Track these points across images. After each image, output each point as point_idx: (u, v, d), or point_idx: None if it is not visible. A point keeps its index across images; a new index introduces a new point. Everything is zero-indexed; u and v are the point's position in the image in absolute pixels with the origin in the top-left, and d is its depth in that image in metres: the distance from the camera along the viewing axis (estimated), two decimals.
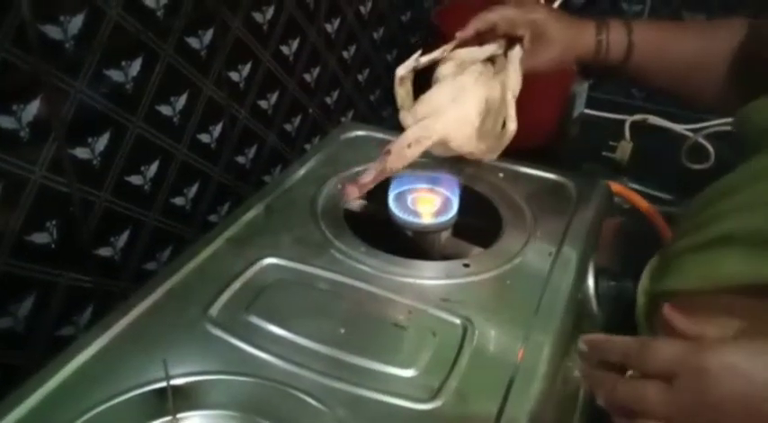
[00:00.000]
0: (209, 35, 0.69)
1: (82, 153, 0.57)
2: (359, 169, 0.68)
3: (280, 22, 0.80)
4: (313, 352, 0.46)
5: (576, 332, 0.48)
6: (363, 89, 1.06)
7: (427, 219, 0.59)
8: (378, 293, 0.51)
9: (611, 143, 0.99)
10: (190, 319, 0.48)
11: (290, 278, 0.53)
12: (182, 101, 0.68)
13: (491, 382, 0.44)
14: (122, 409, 0.41)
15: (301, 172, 0.67)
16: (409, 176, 0.64)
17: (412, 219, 0.59)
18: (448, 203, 0.61)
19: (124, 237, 0.64)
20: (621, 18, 0.65)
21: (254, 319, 0.48)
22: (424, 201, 0.61)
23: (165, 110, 0.66)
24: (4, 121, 0.50)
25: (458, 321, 0.49)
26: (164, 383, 0.41)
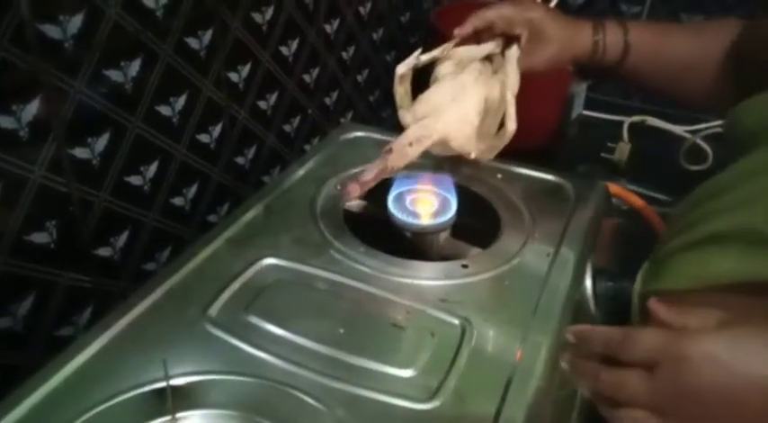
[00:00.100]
0: (208, 35, 0.69)
1: (81, 153, 0.57)
2: (358, 170, 0.68)
3: (279, 22, 0.81)
4: (312, 352, 0.46)
5: None
6: (363, 90, 1.06)
7: (426, 219, 0.59)
8: (377, 294, 0.51)
9: (609, 144, 0.99)
10: (189, 319, 0.48)
11: (290, 278, 0.53)
12: (181, 101, 0.68)
13: (489, 382, 0.45)
14: (122, 409, 0.41)
15: (300, 172, 0.67)
16: (408, 177, 0.64)
17: (411, 219, 0.59)
18: (446, 204, 0.61)
19: (124, 237, 0.64)
20: (618, 18, 0.65)
21: (254, 319, 0.48)
22: (422, 202, 0.61)
23: (165, 110, 0.66)
24: (3, 121, 0.50)
25: (456, 322, 0.49)
26: (163, 383, 0.41)
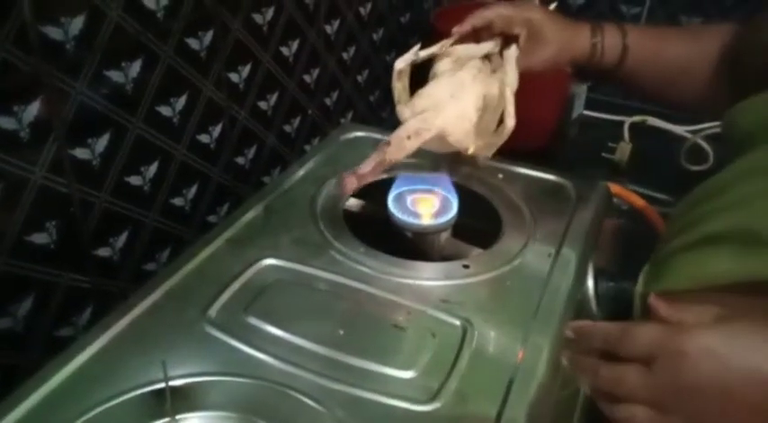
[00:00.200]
0: (208, 36, 0.69)
1: (82, 154, 0.57)
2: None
3: (279, 23, 0.81)
4: (312, 353, 0.46)
5: None
6: (363, 90, 1.06)
7: (427, 220, 0.59)
8: (377, 294, 0.51)
9: (610, 144, 0.99)
10: (189, 319, 0.48)
11: (290, 279, 0.53)
12: (181, 102, 0.68)
13: (490, 384, 0.44)
14: (121, 410, 0.41)
15: (301, 173, 0.67)
16: (409, 177, 0.64)
17: (411, 220, 0.59)
18: (447, 204, 0.61)
19: (123, 237, 0.64)
20: (617, 21, 0.65)
21: (253, 320, 0.48)
22: (423, 202, 0.61)
23: (165, 111, 0.66)
24: (4, 122, 0.50)
25: (457, 322, 0.49)
26: (162, 384, 0.41)
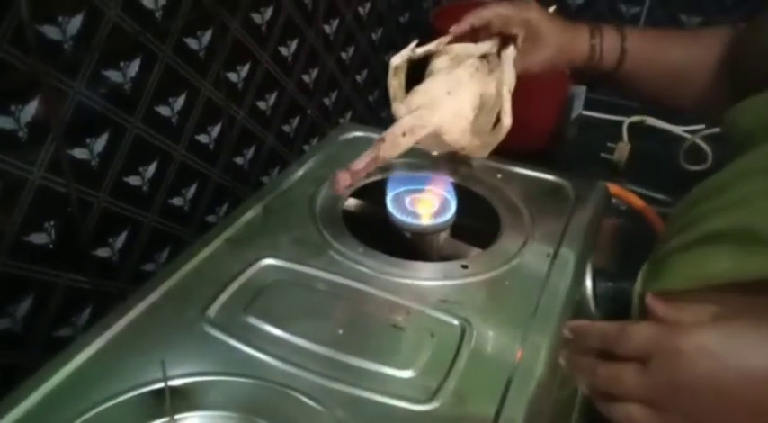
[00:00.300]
0: (207, 36, 0.69)
1: (80, 154, 0.57)
2: None
3: (278, 23, 0.80)
4: (311, 353, 0.46)
5: None
6: (362, 90, 1.06)
7: (425, 220, 0.59)
8: (376, 294, 0.51)
9: (608, 145, 0.99)
10: (188, 319, 0.48)
11: (289, 279, 0.53)
12: (180, 102, 0.68)
13: (489, 383, 0.44)
14: (120, 410, 0.41)
15: (300, 173, 0.67)
16: (407, 177, 0.64)
17: (410, 220, 0.59)
18: (446, 204, 0.61)
19: (122, 237, 0.64)
20: (615, 22, 0.65)
21: (253, 320, 0.48)
22: (422, 202, 0.61)
23: (164, 110, 0.66)
24: (2, 122, 0.50)
25: (456, 322, 0.49)
26: (162, 384, 0.41)
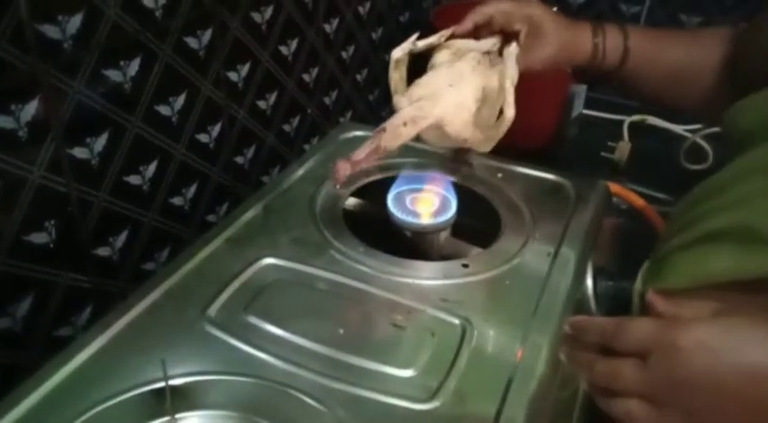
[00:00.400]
0: (207, 35, 0.69)
1: (80, 153, 0.57)
2: (358, 169, 0.68)
3: (278, 22, 0.80)
4: (312, 352, 0.46)
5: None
6: (362, 89, 1.06)
7: (426, 219, 0.59)
8: (376, 294, 0.51)
9: (609, 144, 0.99)
10: (188, 319, 0.48)
11: (289, 278, 0.53)
12: (180, 101, 0.68)
13: (490, 383, 0.44)
14: (121, 410, 0.41)
15: (300, 172, 0.67)
16: (408, 177, 0.64)
17: (411, 219, 0.59)
18: (447, 204, 0.61)
19: (123, 237, 0.64)
20: (617, 21, 0.64)
21: (253, 320, 0.48)
22: (422, 201, 0.61)
23: (164, 110, 0.66)
24: (2, 121, 0.50)
25: (456, 322, 0.49)
26: (162, 383, 0.41)
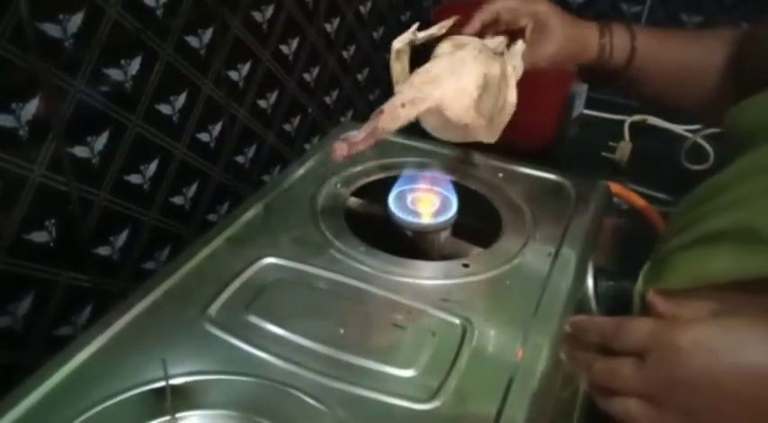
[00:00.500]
0: (208, 34, 0.69)
1: (81, 152, 0.57)
2: (359, 169, 0.68)
3: (279, 21, 0.80)
4: (312, 352, 0.46)
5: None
6: (363, 89, 1.06)
7: (427, 219, 0.59)
8: (377, 293, 0.51)
9: (610, 144, 0.99)
10: (189, 318, 0.48)
11: (290, 278, 0.53)
12: (181, 100, 0.67)
13: (490, 383, 0.44)
14: (121, 409, 0.41)
15: (300, 171, 0.67)
16: (409, 176, 0.64)
17: (411, 219, 0.59)
18: (447, 203, 0.61)
19: (123, 236, 0.64)
20: (624, 21, 0.64)
21: (254, 319, 0.48)
22: (423, 201, 0.61)
23: (165, 109, 0.66)
24: (2, 120, 0.50)
25: (457, 321, 0.49)
26: (162, 383, 0.41)
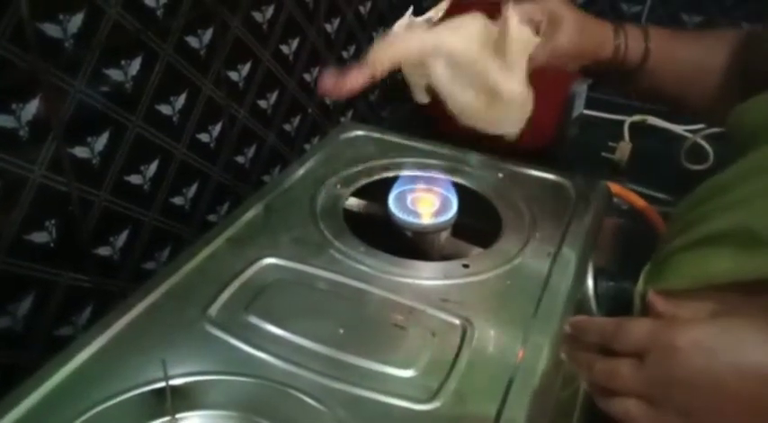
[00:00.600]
0: (208, 34, 0.69)
1: (81, 152, 0.57)
2: (359, 168, 0.68)
3: (279, 21, 0.80)
4: (312, 352, 0.46)
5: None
6: (362, 89, 1.06)
7: (427, 219, 0.59)
8: (377, 294, 0.51)
9: (610, 144, 0.99)
10: (189, 318, 0.48)
11: (290, 278, 0.53)
12: (181, 100, 0.67)
13: (490, 383, 0.44)
14: (121, 410, 0.41)
15: (300, 172, 0.67)
16: (409, 177, 0.64)
17: (411, 219, 0.59)
18: (447, 204, 0.61)
19: (123, 236, 0.64)
20: (638, 24, 0.63)
21: (254, 319, 0.48)
22: (423, 201, 0.61)
23: (165, 109, 0.66)
24: (3, 120, 0.50)
25: (457, 322, 0.49)
26: (162, 383, 0.41)
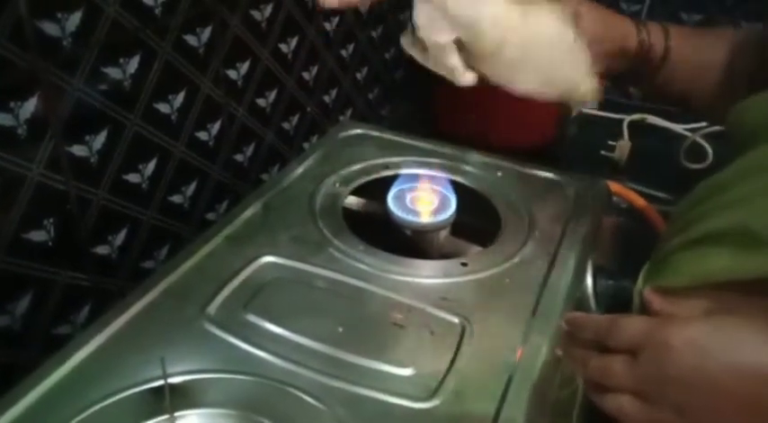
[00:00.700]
0: (207, 33, 0.69)
1: (79, 151, 0.57)
2: (358, 167, 0.68)
3: (278, 20, 0.80)
4: (311, 350, 0.46)
5: None
6: (362, 87, 1.06)
7: (426, 217, 0.59)
8: (376, 292, 0.51)
9: (609, 143, 0.99)
10: (187, 317, 0.48)
11: (289, 276, 0.53)
12: (180, 99, 0.67)
13: (489, 382, 0.44)
14: (119, 408, 0.41)
15: (299, 170, 0.67)
16: (408, 175, 0.64)
17: (410, 217, 0.59)
18: (446, 202, 0.61)
19: (122, 235, 0.64)
20: (658, 21, 0.62)
21: (252, 318, 0.48)
22: (422, 199, 0.61)
23: (163, 107, 0.66)
24: (1, 119, 0.49)
25: (456, 320, 0.49)
26: (161, 382, 0.41)
